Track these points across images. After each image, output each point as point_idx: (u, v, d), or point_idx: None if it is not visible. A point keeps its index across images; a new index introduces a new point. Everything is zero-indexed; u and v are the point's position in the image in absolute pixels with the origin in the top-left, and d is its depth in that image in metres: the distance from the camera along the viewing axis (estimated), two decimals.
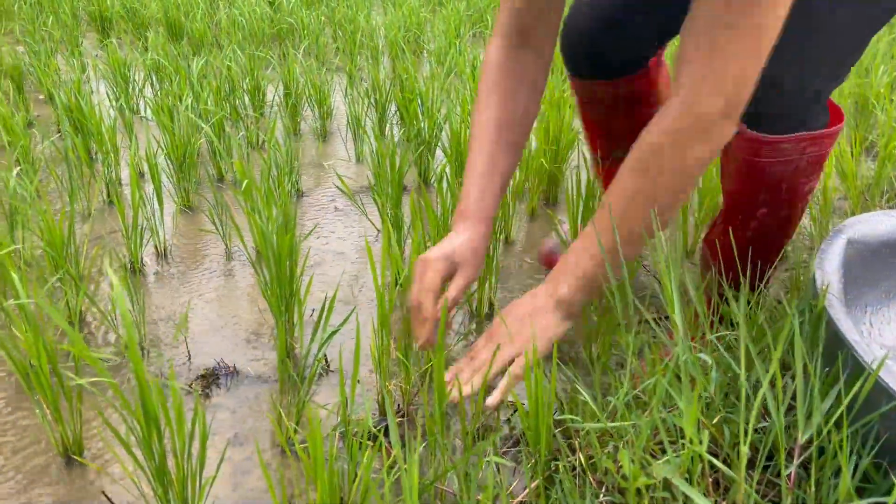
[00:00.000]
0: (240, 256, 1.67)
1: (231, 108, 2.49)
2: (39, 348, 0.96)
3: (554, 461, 0.86)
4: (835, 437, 0.68)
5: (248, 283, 1.56)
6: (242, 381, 1.23)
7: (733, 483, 0.69)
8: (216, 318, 1.42)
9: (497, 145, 1.04)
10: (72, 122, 2.11)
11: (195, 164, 1.92)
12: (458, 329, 1.39)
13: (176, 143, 1.89)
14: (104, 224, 1.79)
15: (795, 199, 1.08)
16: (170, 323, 1.40)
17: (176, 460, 0.84)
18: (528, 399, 0.84)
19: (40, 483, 1.00)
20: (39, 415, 1.03)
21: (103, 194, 1.95)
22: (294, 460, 1.05)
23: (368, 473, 0.82)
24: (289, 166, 1.85)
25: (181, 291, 1.51)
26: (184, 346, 1.32)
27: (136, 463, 0.84)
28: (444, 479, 0.86)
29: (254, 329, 1.39)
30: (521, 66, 1.07)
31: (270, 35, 3.63)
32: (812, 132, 1.01)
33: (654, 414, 0.72)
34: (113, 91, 2.66)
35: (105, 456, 1.06)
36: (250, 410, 1.16)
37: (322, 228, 1.81)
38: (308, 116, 2.64)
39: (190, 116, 1.93)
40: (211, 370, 1.25)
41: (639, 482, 0.69)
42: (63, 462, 1.04)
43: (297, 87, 2.48)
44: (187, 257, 1.66)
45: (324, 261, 1.65)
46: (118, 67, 2.63)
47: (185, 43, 3.47)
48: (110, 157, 1.94)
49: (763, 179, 1.04)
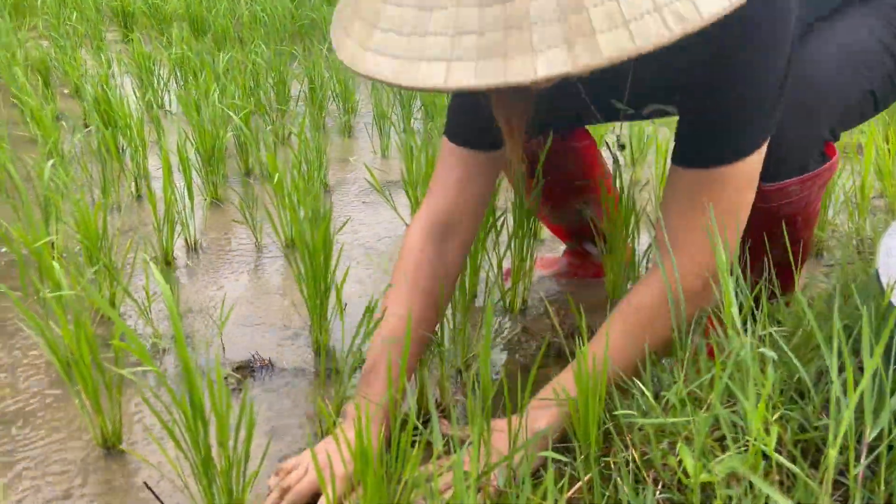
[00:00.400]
0: (269, 249, 1.66)
1: (256, 103, 2.49)
2: (80, 338, 0.96)
3: (604, 457, 0.84)
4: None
5: (278, 275, 1.55)
6: (277, 373, 1.23)
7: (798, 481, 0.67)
8: (248, 311, 1.41)
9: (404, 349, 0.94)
10: (100, 115, 2.11)
11: (223, 158, 1.92)
12: (494, 326, 1.37)
13: (204, 136, 1.88)
14: (134, 217, 1.79)
15: (812, 220, 1.10)
16: (201, 315, 1.39)
17: (222, 451, 0.83)
18: (578, 393, 0.83)
19: (81, 473, 0.99)
20: (79, 405, 1.02)
21: (132, 187, 1.95)
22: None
23: (416, 470, 0.80)
24: (318, 161, 1.84)
25: (212, 284, 1.51)
26: (217, 340, 1.31)
27: (181, 453, 0.83)
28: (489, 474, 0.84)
29: (286, 322, 1.38)
30: (441, 259, 1.06)
31: (292, 31, 3.63)
32: (817, 170, 1.02)
33: (716, 408, 0.71)
34: (138, 85, 2.66)
35: (144, 446, 1.05)
36: (286, 403, 1.15)
37: (351, 222, 1.80)
38: (333, 112, 2.63)
39: (218, 109, 1.93)
40: (246, 363, 1.24)
41: (701, 478, 0.67)
42: (103, 452, 1.03)
43: (321, 82, 2.47)
44: (217, 250, 1.65)
45: (354, 255, 1.64)
46: (143, 62, 2.63)
47: (209, 38, 3.47)
48: (138, 151, 1.94)
49: (777, 220, 1.04)
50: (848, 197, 1.76)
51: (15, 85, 2.24)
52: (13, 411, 1.12)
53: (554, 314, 1.40)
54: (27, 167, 1.99)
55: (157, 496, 0.94)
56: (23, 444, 1.05)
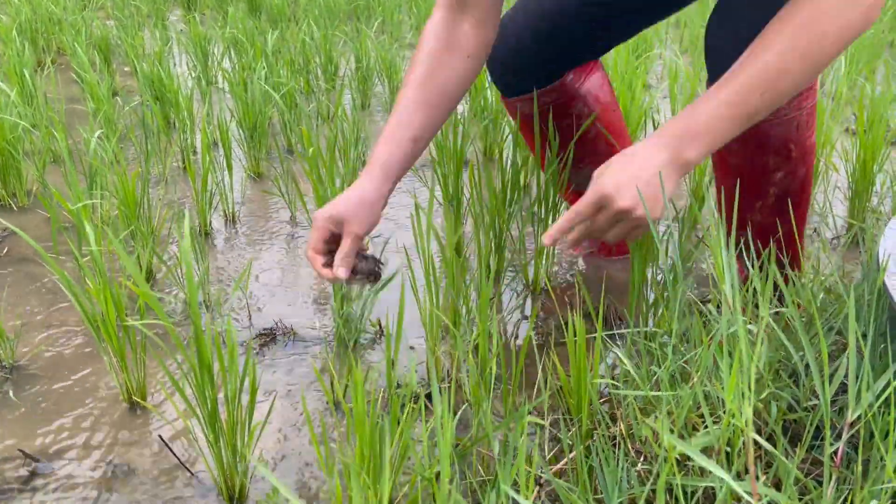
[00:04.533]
0: (303, 224, 1.71)
1: (304, 82, 2.54)
2: (107, 297, 1.01)
3: (595, 430, 0.85)
4: (889, 417, 0.65)
5: None
6: (298, 341, 1.27)
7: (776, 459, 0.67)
8: (278, 281, 1.46)
9: (416, 105, 1.03)
10: (152, 91, 2.19)
11: (266, 134, 1.97)
12: (511, 301, 1.39)
13: (248, 112, 1.94)
14: (178, 189, 1.87)
15: (805, 153, 1.07)
16: (233, 284, 1.45)
17: (227, 408, 0.88)
18: (571, 366, 0.84)
19: (105, 425, 1.06)
20: (107, 362, 1.09)
21: (178, 160, 2.03)
22: (342, 419, 1.07)
23: (409, 431, 0.83)
24: (354, 136, 1.88)
25: (246, 255, 1.56)
26: (245, 308, 1.36)
27: (191, 409, 0.88)
28: (484, 441, 0.86)
29: (313, 293, 1.42)
30: (456, 35, 1.04)
31: (346, 11, 3.67)
32: None
33: (697, 386, 0.71)
34: (193, 63, 2.75)
35: (165, 403, 1.11)
36: (304, 370, 1.19)
37: None
38: (379, 92, 2.66)
39: (262, 86, 1.98)
40: (269, 330, 1.29)
41: (674, 452, 0.68)
42: (126, 407, 1.09)
43: (368, 62, 2.51)
44: (254, 223, 1.71)
45: (383, 231, 1.68)
46: (199, 41, 2.71)
47: (264, 18, 3.55)
48: (186, 125, 2.02)
49: (768, 144, 1.03)
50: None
51: (77, 62, 2.35)
52: (47, 366, 1.19)
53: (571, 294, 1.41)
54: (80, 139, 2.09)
55: (171, 449, 0.99)
56: (54, 397, 1.12)
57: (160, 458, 1.00)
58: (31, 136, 1.89)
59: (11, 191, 1.74)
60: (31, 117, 1.82)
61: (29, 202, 1.76)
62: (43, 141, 1.80)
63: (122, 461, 0.99)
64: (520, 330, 1.31)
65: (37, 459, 0.99)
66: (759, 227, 1.12)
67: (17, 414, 1.08)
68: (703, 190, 1.69)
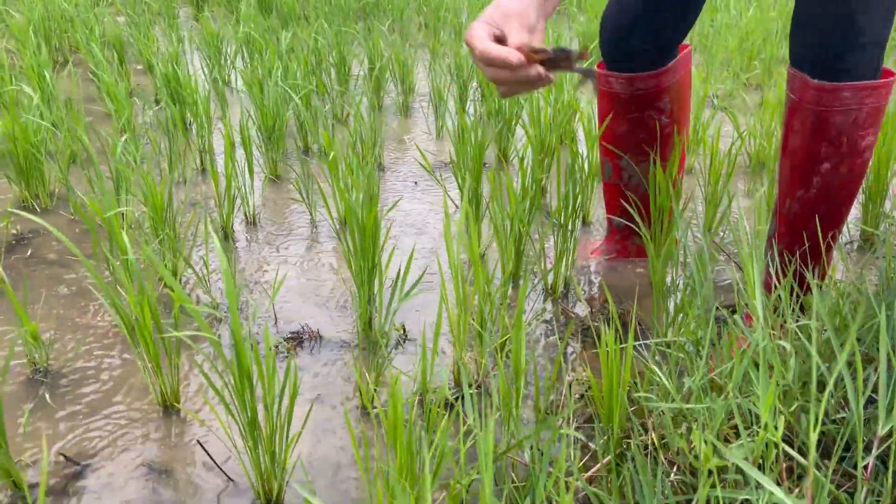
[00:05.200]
0: (323, 226, 1.73)
1: (317, 82, 2.56)
2: (143, 305, 1.04)
3: (626, 439, 0.87)
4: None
5: (330, 250, 1.62)
6: (325, 344, 1.29)
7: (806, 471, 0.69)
8: (301, 284, 1.49)
9: None
10: (169, 92, 2.21)
11: (283, 136, 1.99)
12: (534, 308, 1.41)
13: (266, 115, 1.96)
14: (197, 190, 1.89)
15: (855, 153, 1.10)
16: (258, 287, 1.47)
17: (266, 414, 0.90)
18: (604, 376, 0.86)
19: (141, 429, 1.08)
20: (141, 367, 1.11)
21: (196, 162, 2.05)
22: (374, 423, 1.10)
23: (445, 440, 0.85)
24: (372, 140, 1.90)
25: (269, 258, 1.59)
26: (271, 310, 1.39)
27: (230, 414, 0.90)
28: (516, 449, 0.89)
29: (336, 296, 1.45)
30: None
31: (356, 10, 3.68)
32: (871, 81, 1.05)
33: (731, 398, 0.73)
34: (206, 62, 2.76)
35: (198, 406, 1.13)
36: (332, 373, 1.22)
37: (403, 202, 1.85)
38: (391, 91, 2.68)
39: (280, 89, 2.00)
40: (296, 334, 1.31)
41: (711, 464, 0.70)
42: (161, 410, 1.12)
43: (381, 62, 2.52)
44: (274, 225, 1.73)
45: (404, 234, 1.70)
46: (212, 40, 2.73)
47: (275, 16, 3.56)
48: (204, 127, 2.03)
49: (826, 130, 1.08)
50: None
51: (93, 61, 2.36)
52: (80, 369, 1.21)
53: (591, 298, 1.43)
54: (101, 140, 2.11)
55: (209, 454, 1.02)
56: (89, 398, 1.14)
57: (197, 461, 1.02)
58: (53, 138, 1.91)
59: (34, 192, 1.76)
60: (52, 118, 1.84)
61: (52, 203, 1.78)
62: (64, 142, 1.82)
63: (160, 464, 1.02)
64: (539, 332, 1.33)
65: (77, 463, 1.01)
66: (794, 218, 1.15)
67: (55, 417, 1.10)
68: (719, 195, 1.71)
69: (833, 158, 1.07)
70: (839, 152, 1.07)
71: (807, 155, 1.08)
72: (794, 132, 1.09)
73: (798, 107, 1.07)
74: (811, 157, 1.08)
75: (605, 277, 1.52)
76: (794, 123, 1.09)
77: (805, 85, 1.05)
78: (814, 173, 1.08)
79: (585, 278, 1.52)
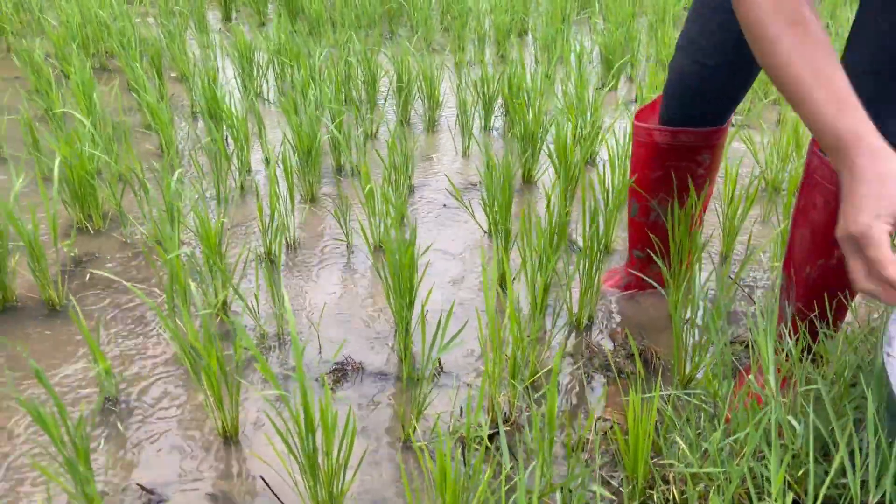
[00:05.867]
0: (359, 250, 1.83)
1: (346, 96, 2.64)
2: (209, 347, 1.14)
3: (649, 489, 0.97)
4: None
5: (367, 277, 1.72)
6: (366, 376, 1.40)
7: None
8: (341, 312, 1.59)
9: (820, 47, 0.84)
10: (208, 112, 2.31)
11: (319, 159, 2.09)
12: (559, 340, 1.51)
13: (302, 138, 2.05)
14: (238, 212, 1.99)
15: None
16: (298, 314, 1.57)
17: (326, 458, 1.01)
18: (630, 428, 0.96)
19: (205, 460, 1.19)
20: (204, 402, 1.22)
21: (236, 181, 2.15)
22: (417, 452, 1.20)
23: (486, 486, 0.96)
24: (405, 167, 1.99)
25: (308, 284, 1.69)
26: (315, 339, 1.49)
27: (291, 453, 1.01)
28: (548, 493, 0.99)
29: (374, 325, 1.55)
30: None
31: (380, 13, 3.75)
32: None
33: (744, 464, 0.83)
34: (239, 74, 2.85)
35: (256, 439, 1.24)
36: (373, 406, 1.32)
37: (431, 227, 1.94)
38: (419, 106, 2.77)
39: (314, 114, 2.09)
40: (340, 365, 1.42)
41: None
42: (222, 441, 1.23)
43: (408, 76, 2.60)
44: (312, 249, 1.83)
45: (434, 260, 1.80)
46: (244, 52, 2.82)
47: (303, 23, 3.63)
48: (243, 149, 2.13)
49: None
50: None
51: (133, 77, 2.46)
52: (146, 398, 1.32)
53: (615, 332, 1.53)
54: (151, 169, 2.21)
55: (271, 488, 1.13)
56: (156, 430, 1.25)
57: (258, 491, 1.13)
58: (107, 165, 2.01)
59: (87, 213, 1.87)
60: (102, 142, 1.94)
61: (104, 225, 1.89)
62: (116, 168, 1.93)
63: (224, 495, 1.13)
64: (565, 370, 1.43)
65: (151, 492, 1.12)
66: (812, 283, 1.22)
67: (127, 446, 1.21)
68: (736, 227, 1.79)
69: None
70: None
71: (828, 230, 1.13)
72: (816, 207, 1.15)
73: (819, 185, 1.13)
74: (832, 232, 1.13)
75: (625, 309, 1.62)
76: (816, 199, 1.14)
77: (826, 166, 1.10)
78: (836, 245, 1.14)
79: (606, 309, 1.62)
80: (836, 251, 1.17)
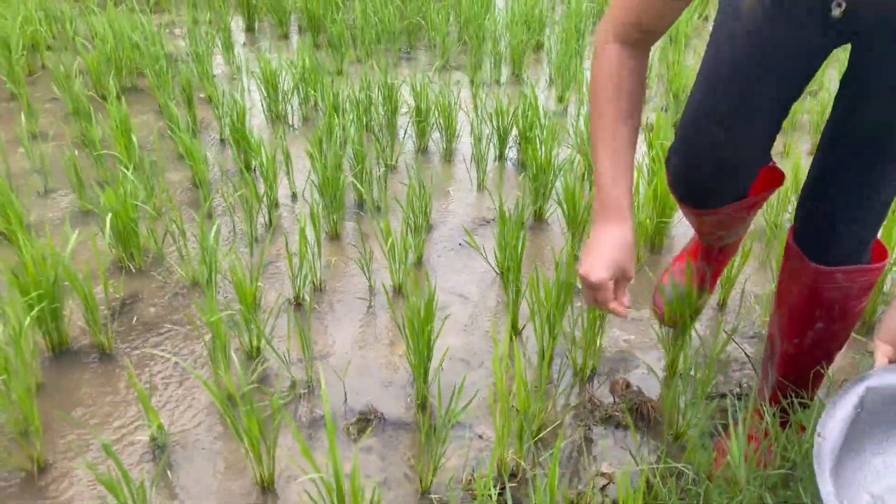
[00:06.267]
0: (380, 293, 1.96)
1: (367, 124, 2.77)
2: (251, 415, 1.29)
3: None
4: None
5: (387, 323, 1.86)
6: (387, 425, 1.54)
7: None
8: (364, 359, 1.73)
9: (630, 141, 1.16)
10: (237, 144, 2.45)
11: (343, 197, 2.22)
12: (564, 391, 1.65)
13: (326, 178, 2.18)
14: (266, 251, 2.13)
15: (847, 317, 1.27)
16: (326, 361, 1.72)
17: None
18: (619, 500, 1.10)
19: None
20: (242, 452, 1.37)
21: (264, 216, 2.29)
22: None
23: None
24: (423, 209, 2.12)
25: (331, 328, 1.83)
26: (340, 387, 1.64)
27: None
28: None
29: (394, 373, 1.69)
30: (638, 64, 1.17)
31: (400, 29, 3.86)
32: (862, 266, 1.21)
33: None
34: (265, 99, 2.97)
35: (292, 490, 1.39)
36: (394, 455, 1.47)
37: (447, 270, 2.08)
38: (436, 137, 2.89)
39: (339, 152, 2.22)
40: (364, 414, 1.56)
41: None
42: (259, 491, 1.38)
43: (425, 105, 2.72)
44: (335, 291, 1.97)
45: (450, 303, 1.93)
46: (269, 78, 2.94)
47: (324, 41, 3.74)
48: (273, 188, 2.27)
49: (820, 301, 1.24)
50: None
51: (168, 115, 2.59)
52: (189, 445, 1.48)
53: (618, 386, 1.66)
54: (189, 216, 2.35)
55: None
56: (199, 477, 1.41)
57: None
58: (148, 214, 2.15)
59: (129, 251, 2.02)
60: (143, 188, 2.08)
61: (145, 265, 2.03)
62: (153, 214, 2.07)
63: None
64: (568, 422, 1.57)
65: None
66: (789, 356, 1.35)
67: (177, 492, 1.37)
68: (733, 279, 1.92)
69: (826, 319, 1.24)
70: (832, 315, 1.24)
71: (801, 315, 1.25)
72: (791, 294, 1.27)
73: (795, 276, 1.25)
74: (806, 317, 1.25)
75: (627, 358, 1.75)
76: (792, 288, 1.26)
77: (802, 261, 1.22)
78: (809, 328, 1.27)
79: (613, 359, 1.75)
80: (809, 333, 1.29)
